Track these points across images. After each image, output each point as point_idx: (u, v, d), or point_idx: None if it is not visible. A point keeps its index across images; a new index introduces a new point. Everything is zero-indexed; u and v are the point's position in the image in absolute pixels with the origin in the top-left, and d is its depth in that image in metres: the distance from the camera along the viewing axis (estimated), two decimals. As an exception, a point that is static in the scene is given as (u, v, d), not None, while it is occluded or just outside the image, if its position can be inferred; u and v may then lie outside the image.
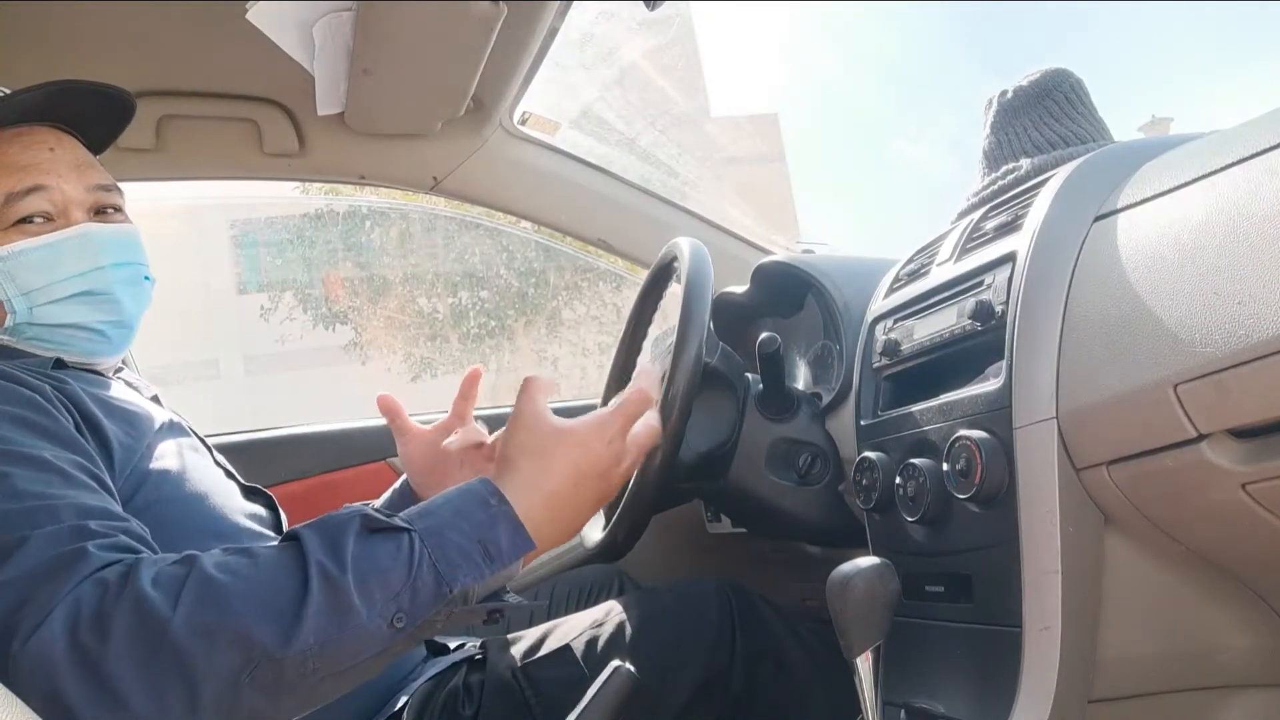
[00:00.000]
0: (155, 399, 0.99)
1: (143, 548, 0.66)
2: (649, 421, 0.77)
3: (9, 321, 0.88)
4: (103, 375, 0.94)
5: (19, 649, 0.56)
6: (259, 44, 1.20)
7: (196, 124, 1.09)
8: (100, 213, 0.91)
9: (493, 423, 1.67)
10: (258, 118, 1.45)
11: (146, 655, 0.56)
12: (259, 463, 1.46)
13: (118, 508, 0.71)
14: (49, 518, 0.64)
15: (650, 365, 0.81)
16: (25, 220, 0.86)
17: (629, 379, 1.27)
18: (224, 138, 1.46)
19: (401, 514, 0.66)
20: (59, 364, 0.88)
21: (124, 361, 1.01)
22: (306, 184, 2.79)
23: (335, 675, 0.60)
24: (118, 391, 0.91)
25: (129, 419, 0.86)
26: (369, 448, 1.57)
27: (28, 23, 1.19)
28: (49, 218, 0.88)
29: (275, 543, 0.64)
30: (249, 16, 1.16)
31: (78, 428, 0.78)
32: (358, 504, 0.67)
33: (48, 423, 0.74)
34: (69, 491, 0.67)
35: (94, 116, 0.95)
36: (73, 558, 0.60)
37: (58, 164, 0.89)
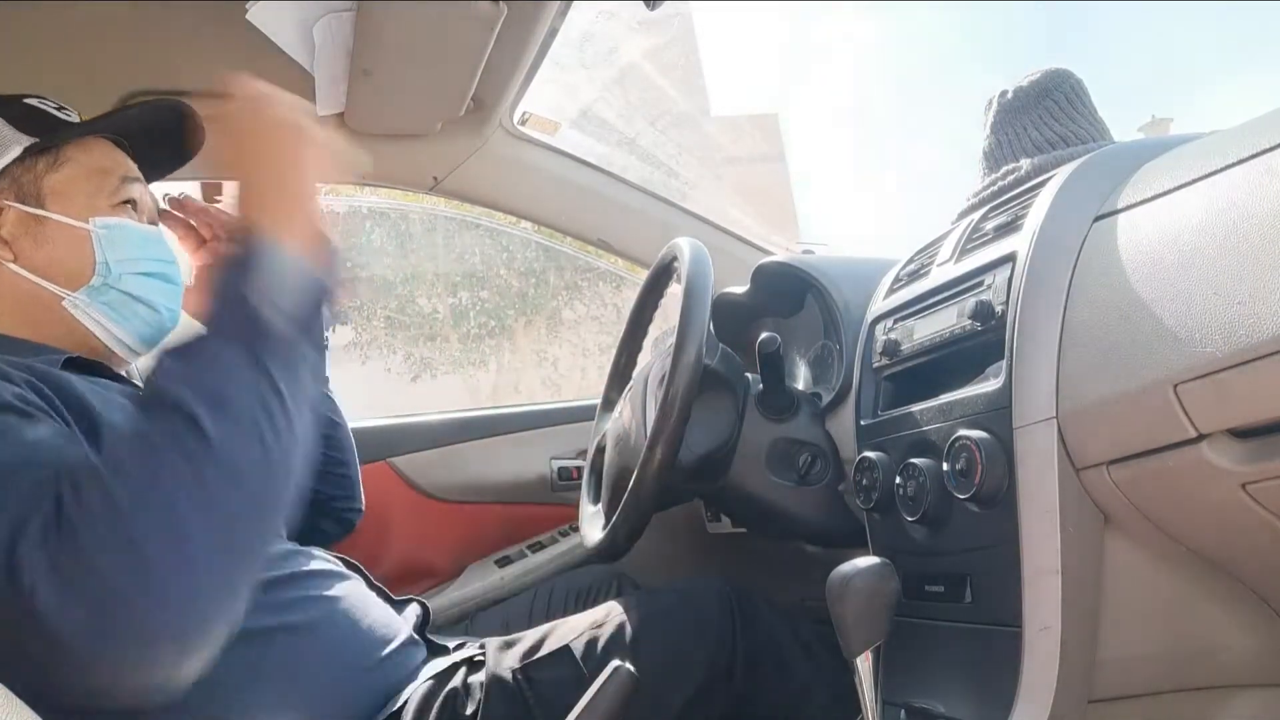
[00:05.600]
0: None
1: None
2: None
3: (95, 281, 0.94)
4: (111, 378, 0.94)
5: None
6: (259, 44, 1.19)
7: (196, 124, 1.11)
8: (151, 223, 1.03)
9: (493, 423, 1.69)
10: (258, 118, 1.44)
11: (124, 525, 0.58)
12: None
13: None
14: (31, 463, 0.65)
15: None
16: (129, 203, 0.97)
17: (629, 379, 1.27)
18: (224, 138, 1.45)
19: None
20: (69, 363, 0.88)
21: (125, 371, 1.01)
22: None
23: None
24: (122, 392, 0.91)
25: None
26: (369, 448, 1.57)
27: (26, 22, 1.19)
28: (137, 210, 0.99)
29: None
30: (249, 16, 1.16)
31: (68, 425, 0.77)
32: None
33: (33, 412, 0.74)
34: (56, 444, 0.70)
35: (145, 138, 1.05)
36: (48, 482, 0.62)
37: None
